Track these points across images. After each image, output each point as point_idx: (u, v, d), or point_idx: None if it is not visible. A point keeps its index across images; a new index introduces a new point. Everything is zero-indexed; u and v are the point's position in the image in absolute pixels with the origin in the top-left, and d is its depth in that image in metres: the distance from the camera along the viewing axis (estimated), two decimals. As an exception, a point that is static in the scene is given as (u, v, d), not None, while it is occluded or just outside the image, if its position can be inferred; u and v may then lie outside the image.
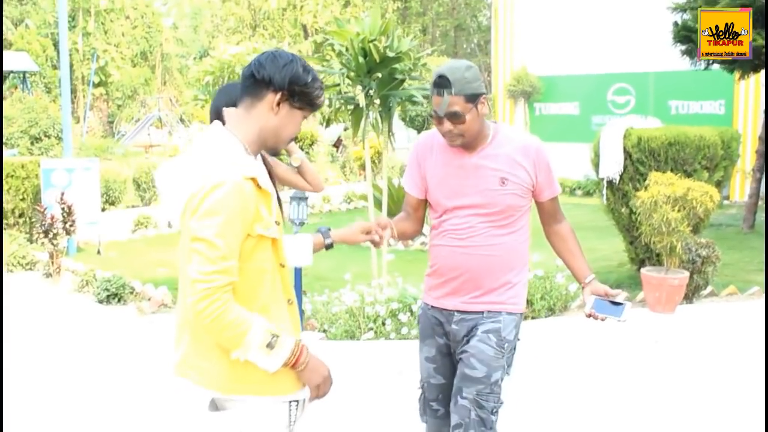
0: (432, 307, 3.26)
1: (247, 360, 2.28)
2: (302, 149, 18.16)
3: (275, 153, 2.55)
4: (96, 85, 34.08)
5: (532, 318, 6.92)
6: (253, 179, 2.29)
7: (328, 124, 10.01)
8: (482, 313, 3.13)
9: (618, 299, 3.10)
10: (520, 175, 3.10)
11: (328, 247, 3.09)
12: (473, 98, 2.98)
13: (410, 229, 3.35)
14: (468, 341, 3.12)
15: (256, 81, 2.38)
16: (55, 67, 31.13)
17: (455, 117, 2.97)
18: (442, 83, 2.97)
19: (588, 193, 16.61)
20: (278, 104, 2.38)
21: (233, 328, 2.22)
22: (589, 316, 3.10)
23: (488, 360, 3.06)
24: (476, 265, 3.11)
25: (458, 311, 3.16)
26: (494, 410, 3.08)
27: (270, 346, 2.27)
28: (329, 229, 3.10)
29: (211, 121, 3.44)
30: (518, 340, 3.22)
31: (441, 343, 3.26)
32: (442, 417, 3.29)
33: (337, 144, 21.67)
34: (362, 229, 3.09)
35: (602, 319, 3.08)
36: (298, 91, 2.39)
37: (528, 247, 3.25)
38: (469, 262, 3.11)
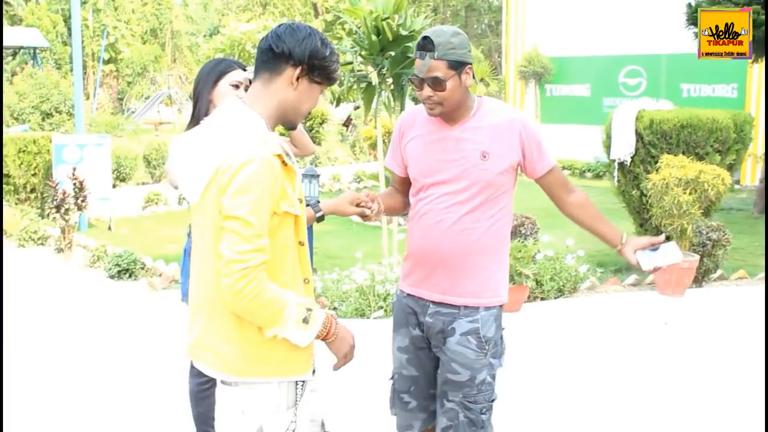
0: (407, 295, 3.11)
1: (263, 342, 2.27)
2: (312, 128, 18.20)
3: (292, 128, 2.53)
4: (106, 62, 34.09)
5: (542, 299, 6.94)
6: (279, 156, 2.26)
7: (338, 104, 10.00)
8: (458, 308, 2.98)
9: (660, 244, 2.99)
10: (502, 149, 2.91)
11: (319, 219, 3.00)
12: (457, 65, 2.82)
13: (398, 203, 3.21)
14: (445, 342, 2.98)
15: (275, 55, 2.32)
16: (65, 44, 31.13)
17: (435, 82, 2.81)
18: (425, 45, 2.81)
19: (598, 176, 16.57)
20: (297, 79, 2.33)
21: (271, 305, 2.20)
22: (654, 270, 2.97)
23: (470, 363, 2.94)
24: (449, 249, 2.94)
25: (433, 302, 3.01)
26: (484, 410, 2.97)
27: (305, 321, 2.27)
28: (318, 202, 3.01)
29: (195, 97, 3.45)
30: (503, 329, 3.09)
31: (414, 334, 3.10)
32: (412, 410, 3.16)
33: (347, 123, 21.64)
34: (351, 200, 2.98)
35: (663, 268, 2.97)
36: (318, 66, 2.34)
37: (509, 231, 3.10)
38: (441, 246, 2.95)
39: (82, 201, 9.43)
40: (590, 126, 16.31)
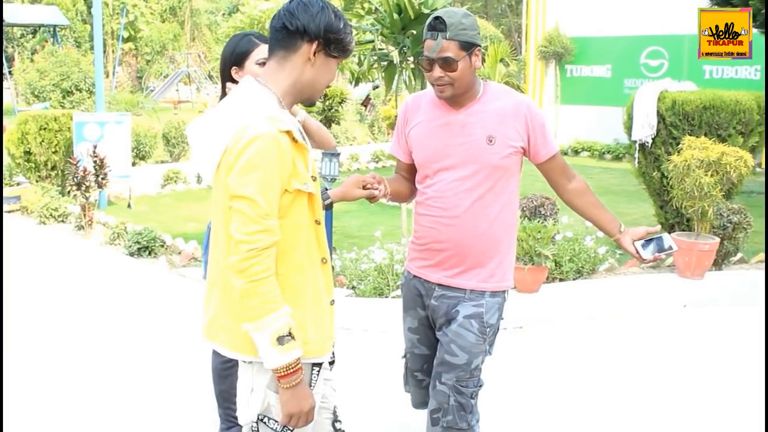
0: (414, 276, 3.13)
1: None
2: (331, 107, 18.18)
3: (311, 104, 2.51)
4: (125, 40, 34.15)
5: (560, 280, 6.93)
6: (289, 132, 2.22)
7: (357, 83, 9.98)
8: (465, 292, 2.99)
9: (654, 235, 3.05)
10: (508, 133, 2.91)
11: (328, 207, 2.96)
12: (468, 47, 2.82)
13: (405, 190, 3.20)
14: (449, 324, 3.00)
15: (289, 32, 2.29)
16: (84, 22, 31.21)
17: (446, 63, 2.80)
18: (436, 26, 2.81)
19: (617, 158, 16.48)
20: (314, 54, 2.30)
21: (263, 299, 2.15)
22: (654, 260, 3.01)
23: (469, 347, 2.95)
24: (461, 237, 2.94)
25: (440, 285, 3.03)
26: (473, 394, 3.00)
27: (281, 341, 2.16)
28: (326, 189, 3.00)
29: (222, 74, 3.39)
30: (502, 319, 3.08)
31: (423, 315, 3.15)
32: (427, 387, 3.20)
33: (366, 103, 21.60)
34: (357, 183, 2.96)
35: (662, 258, 3.00)
36: (333, 39, 2.31)
37: (516, 215, 3.10)
38: (454, 235, 2.95)
39: (103, 179, 9.48)
40: (610, 107, 16.17)
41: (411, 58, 7.00)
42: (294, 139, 2.25)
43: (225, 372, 3.62)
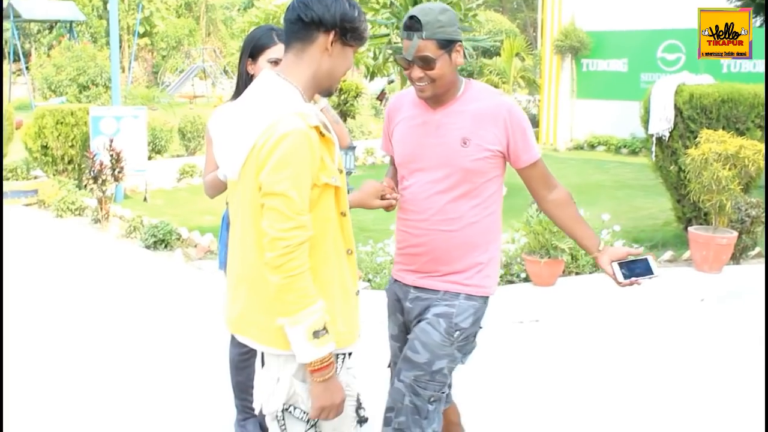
0: (395, 281, 3.05)
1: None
2: (347, 102, 18.19)
3: (329, 95, 2.49)
4: (141, 36, 34.21)
5: (576, 274, 6.90)
6: (316, 128, 2.23)
7: (372, 77, 9.95)
8: (438, 293, 2.88)
9: (638, 256, 2.91)
10: (485, 136, 2.78)
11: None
12: (446, 44, 2.71)
13: None
14: (418, 323, 2.89)
15: (305, 24, 2.27)
16: (100, 17, 31.36)
17: (425, 62, 2.70)
18: (412, 26, 2.69)
19: (634, 152, 16.39)
20: (331, 44, 2.29)
21: (300, 294, 2.17)
22: (630, 284, 2.86)
23: (432, 346, 2.80)
24: (431, 240, 2.85)
25: (414, 287, 2.94)
26: (432, 399, 2.81)
27: (316, 335, 2.19)
28: (348, 191, 2.98)
29: (240, 65, 3.36)
30: (480, 328, 2.94)
31: (401, 321, 3.07)
32: None
33: (381, 97, 21.60)
34: (375, 193, 2.92)
35: (639, 284, 2.86)
36: (350, 28, 2.30)
37: (498, 221, 2.95)
38: (428, 239, 2.86)
39: (119, 172, 9.52)
40: (627, 102, 16.10)
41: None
42: (322, 133, 2.25)
43: (242, 363, 3.64)
